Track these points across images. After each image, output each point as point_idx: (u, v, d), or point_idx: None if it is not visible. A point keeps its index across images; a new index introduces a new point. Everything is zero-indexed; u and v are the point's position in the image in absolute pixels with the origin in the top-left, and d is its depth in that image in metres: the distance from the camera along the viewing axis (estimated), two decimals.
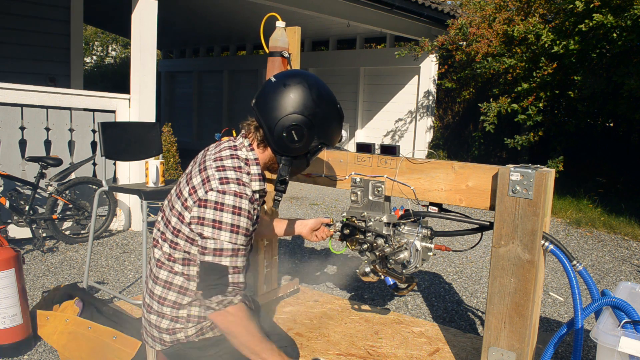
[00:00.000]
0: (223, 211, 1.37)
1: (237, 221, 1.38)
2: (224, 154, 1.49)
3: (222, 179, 1.40)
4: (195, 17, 10.50)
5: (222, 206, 1.37)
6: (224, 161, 1.46)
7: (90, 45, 21.41)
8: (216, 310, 1.40)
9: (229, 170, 1.43)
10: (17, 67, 6.59)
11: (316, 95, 1.48)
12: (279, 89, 1.48)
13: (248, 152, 1.51)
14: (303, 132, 1.46)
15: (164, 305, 1.52)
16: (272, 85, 1.50)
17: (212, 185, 1.39)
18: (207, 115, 13.27)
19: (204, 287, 1.39)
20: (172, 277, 1.51)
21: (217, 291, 1.37)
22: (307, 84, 1.49)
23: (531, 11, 7.13)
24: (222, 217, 1.37)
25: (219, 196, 1.37)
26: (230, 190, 1.38)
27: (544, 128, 7.20)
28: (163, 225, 1.53)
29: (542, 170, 1.82)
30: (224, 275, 1.37)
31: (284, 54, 2.45)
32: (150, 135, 3.39)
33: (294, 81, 1.48)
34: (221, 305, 1.39)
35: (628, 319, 1.57)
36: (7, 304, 2.40)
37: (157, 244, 1.55)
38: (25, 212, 4.11)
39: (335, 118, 1.55)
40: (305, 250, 4.51)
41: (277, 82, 1.49)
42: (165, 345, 1.56)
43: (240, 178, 1.43)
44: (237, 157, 1.49)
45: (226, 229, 1.37)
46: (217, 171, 1.42)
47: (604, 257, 4.66)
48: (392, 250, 2.12)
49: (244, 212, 1.39)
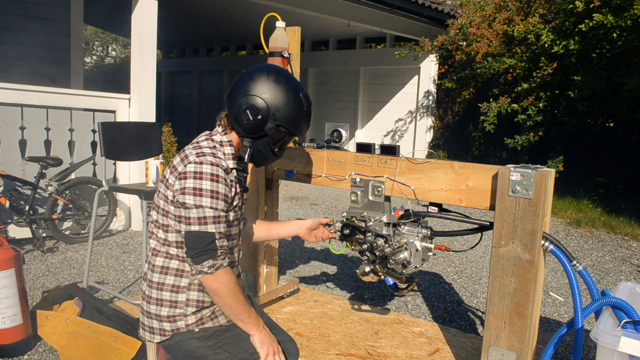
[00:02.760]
0: (202, 179, 1.49)
1: (216, 187, 1.50)
2: (200, 139, 1.64)
3: (198, 153, 1.54)
4: (195, 17, 10.51)
5: (201, 174, 1.49)
6: (201, 144, 1.61)
7: (90, 45, 21.41)
8: (208, 274, 1.50)
9: (205, 148, 1.58)
10: (17, 67, 6.59)
11: (274, 80, 1.60)
12: (241, 77, 1.63)
13: (222, 137, 1.65)
14: (257, 112, 1.57)
15: (162, 290, 1.58)
16: (238, 77, 1.65)
17: (190, 159, 1.53)
18: (207, 115, 13.27)
19: (194, 255, 1.49)
20: (167, 261, 1.58)
21: (208, 256, 1.49)
22: (266, 71, 1.62)
23: (531, 11, 7.13)
24: (201, 184, 1.49)
25: (197, 166, 1.50)
26: (206, 160, 1.51)
27: (544, 128, 7.20)
28: (155, 214, 1.63)
29: (542, 170, 1.82)
30: (212, 240, 1.49)
31: (284, 54, 2.45)
32: (150, 135, 3.39)
33: (255, 69, 1.63)
34: (213, 269, 1.49)
35: (628, 319, 1.57)
36: (7, 304, 2.40)
37: (152, 234, 1.63)
38: (25, 212, 4.11)
39: (295, 103, 1.63)
40: (305, 250, 4.52)
41: (242, 73, 1.65)
42: (166, 336, 1.58)
43: (216, 154, 1.57)
44: (212, 139, 1.63)
45: (206, 195, 1.49)
46: (194, 149, 1.57)
47: (604, 257, 4.66)
48: (392, 250, 2.12)
49: (221, 179, 1.51)
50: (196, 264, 1.49)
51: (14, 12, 6.56)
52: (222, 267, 1.51)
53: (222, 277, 1.51)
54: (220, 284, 1.51)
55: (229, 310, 1.56)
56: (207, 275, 1.50)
